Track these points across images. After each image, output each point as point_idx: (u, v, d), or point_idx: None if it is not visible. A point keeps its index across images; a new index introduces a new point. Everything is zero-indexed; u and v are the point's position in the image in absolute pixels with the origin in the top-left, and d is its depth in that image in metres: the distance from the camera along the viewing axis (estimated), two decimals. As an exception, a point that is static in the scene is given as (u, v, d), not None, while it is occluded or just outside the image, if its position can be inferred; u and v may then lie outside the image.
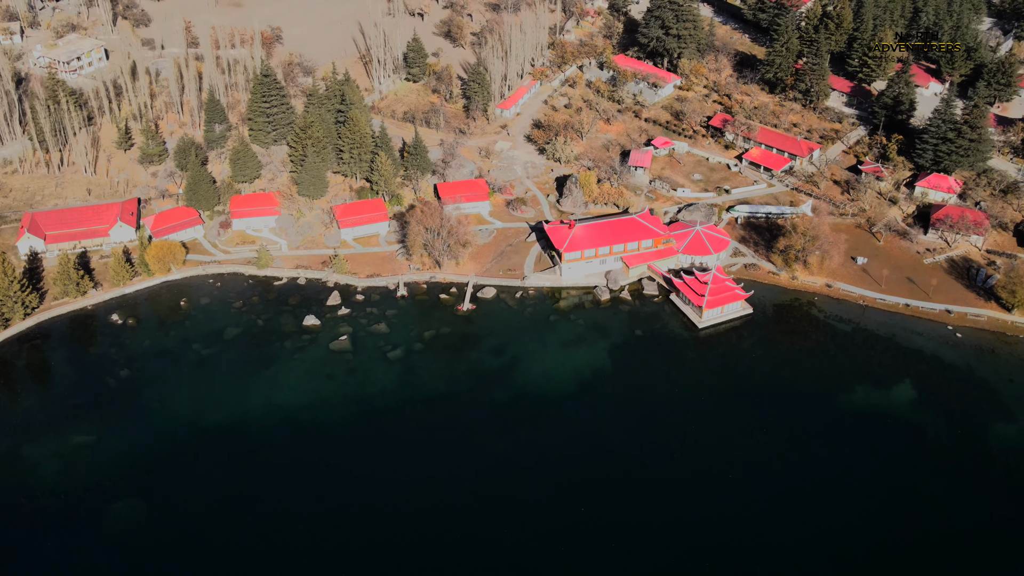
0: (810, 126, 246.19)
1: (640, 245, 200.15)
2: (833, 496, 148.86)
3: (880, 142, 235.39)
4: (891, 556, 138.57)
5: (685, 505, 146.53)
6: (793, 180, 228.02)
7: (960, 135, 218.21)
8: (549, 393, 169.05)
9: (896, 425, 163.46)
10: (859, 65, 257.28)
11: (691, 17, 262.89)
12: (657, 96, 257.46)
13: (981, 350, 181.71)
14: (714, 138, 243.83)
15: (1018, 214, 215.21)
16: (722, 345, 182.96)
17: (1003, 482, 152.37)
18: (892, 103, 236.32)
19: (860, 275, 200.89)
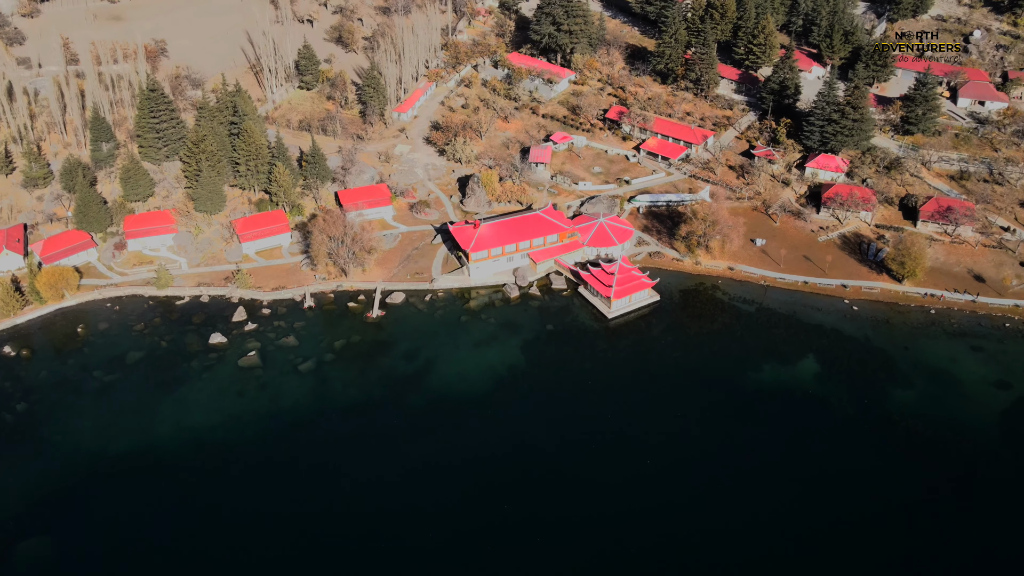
0: (703, 114, 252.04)
1: (546, 240, 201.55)
2: (752, 476, 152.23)
3: (770, 126, 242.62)
4: (814, 528, 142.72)
5: (607, 497, 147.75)
6: (690, 167, 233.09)
7: (844, 116, 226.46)
8: (465, 394, 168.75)
9: (803, 399, 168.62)
10: (745, 53, 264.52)
11: (581, 13, 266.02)
12: (553, 92, 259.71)
13: (877, 321, 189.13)
14: (611, 130, 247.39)
15: (902, 189, 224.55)
16: (633, 334, 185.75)
17: (904, 446, 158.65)
18: (779, 88, 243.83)
19: (760, 256, 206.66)
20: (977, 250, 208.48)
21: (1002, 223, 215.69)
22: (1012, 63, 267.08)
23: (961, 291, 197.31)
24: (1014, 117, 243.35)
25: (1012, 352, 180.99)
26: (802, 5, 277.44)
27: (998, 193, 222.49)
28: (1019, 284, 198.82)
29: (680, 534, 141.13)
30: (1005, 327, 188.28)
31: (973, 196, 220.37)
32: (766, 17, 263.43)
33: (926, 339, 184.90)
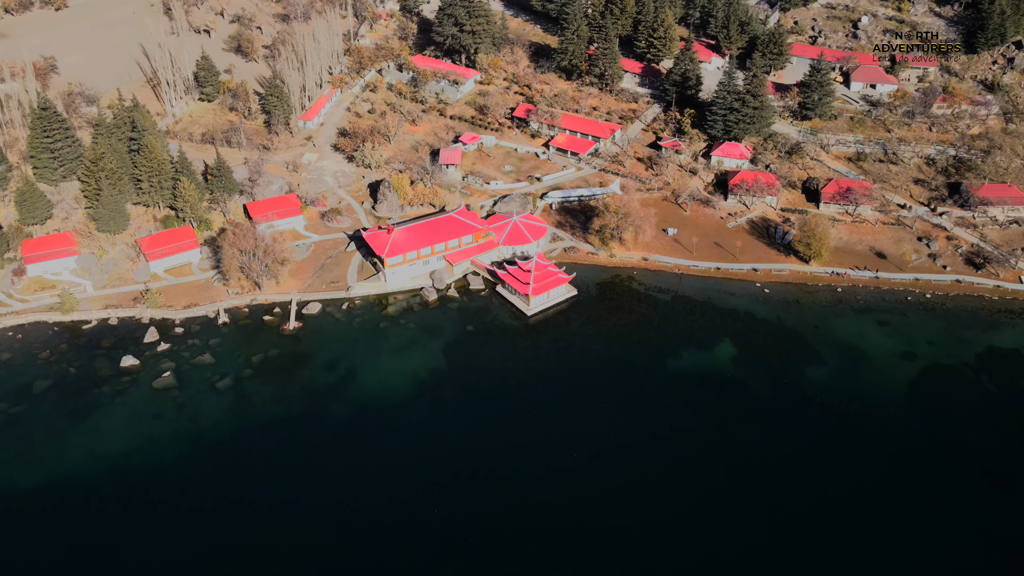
0: (609, 108, 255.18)
1: (461, 242, 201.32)
2: (678, 462, 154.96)
3: (675, 117, 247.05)
4: (743, 511, 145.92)
5: (536, 491, 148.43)
6: (600, 162, 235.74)
7: (744, 104, 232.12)
8: (388, 401, 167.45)
9: (722, 382, 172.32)
10: (647, 46, 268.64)
11: (483, 12, 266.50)
12: (459, 93, 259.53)
13: (787, 302, 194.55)
14: (520, 128, 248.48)
15: (804, 172, 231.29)
16: (553, 329, 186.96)
17: (820, 421, 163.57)
18: (681, 80, 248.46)
19: (673, 245, 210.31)
20: (877, 228, 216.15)
21: (899, 201, 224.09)
22: (898, 47, 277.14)
23: (864, 268, 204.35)
24: (904, 98, 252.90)
25: (915, 324, 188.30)
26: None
27: (893, 172, 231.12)
28: (918, 259, 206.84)
29: (610, 523, 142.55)
30: (907, 300, 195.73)
31: (870, 176, 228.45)
32: (664, 11, 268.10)
33: (834, 316, 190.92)
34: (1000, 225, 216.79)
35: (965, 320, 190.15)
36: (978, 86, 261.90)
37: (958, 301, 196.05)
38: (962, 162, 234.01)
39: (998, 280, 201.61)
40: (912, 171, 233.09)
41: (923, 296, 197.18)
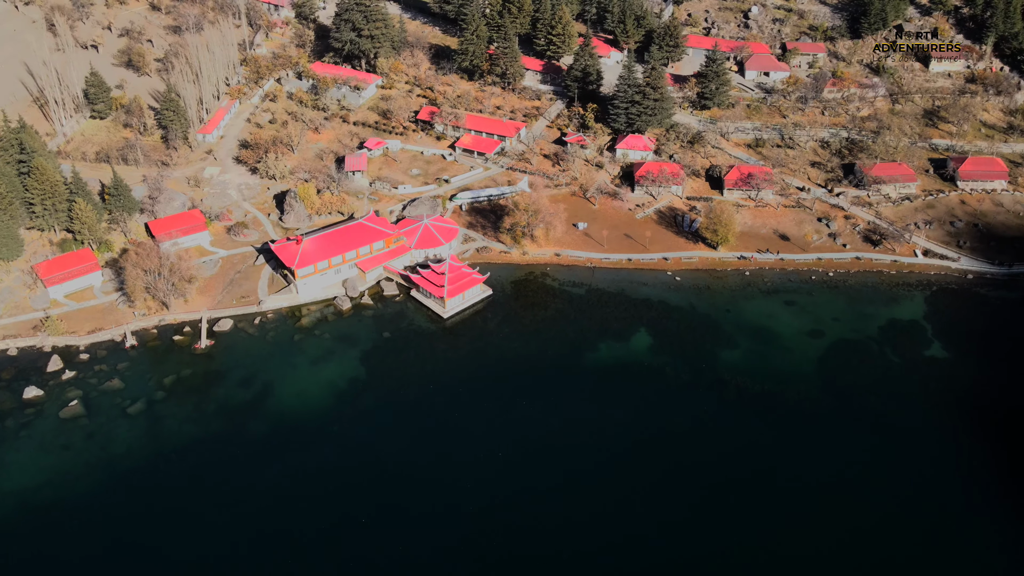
0: (513, 107, 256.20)
1: (372, 248, 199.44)
2: (601, 454, 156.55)
3: (578, 113, 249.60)
4: (672, 497, 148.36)
5: (462, 495, 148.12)
6: (507, 160, 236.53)
7: (645, 97, 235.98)
8: (309, 413, 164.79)
9: (640, 372, 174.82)
10: (546, 44, 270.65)
11: (380, 16, 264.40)
12: (361, 98, 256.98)
13: (698, 288, 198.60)
14: (425, 131, 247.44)
15: (706, 161, 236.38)
16: (470, 330, 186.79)
17: (738, 403, 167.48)
18: (581, 75, 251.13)
19: (584, 239, 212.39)
20: (779, 211, 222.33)
21: (798, 184, 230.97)
22: (788, 35, 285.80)
23: (769, 251, 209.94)
24: (796, 84, 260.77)
25: (820, 302, 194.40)
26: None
27: (791, 156, 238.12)
28: (819, 239, 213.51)
29: (542, 519, 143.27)
30: (812, 280, 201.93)
31: (769, 161, 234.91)
32: (562, 8, 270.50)
33: (744, 300, 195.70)
34: (893, 202, 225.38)
35: (866, 295, 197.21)
36: (865, 69, 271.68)
37: (859, 277, 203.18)
38: (854, 143, 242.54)
39: (895, 255, 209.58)
40: (808, 154, 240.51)
41: (826, 275, 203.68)
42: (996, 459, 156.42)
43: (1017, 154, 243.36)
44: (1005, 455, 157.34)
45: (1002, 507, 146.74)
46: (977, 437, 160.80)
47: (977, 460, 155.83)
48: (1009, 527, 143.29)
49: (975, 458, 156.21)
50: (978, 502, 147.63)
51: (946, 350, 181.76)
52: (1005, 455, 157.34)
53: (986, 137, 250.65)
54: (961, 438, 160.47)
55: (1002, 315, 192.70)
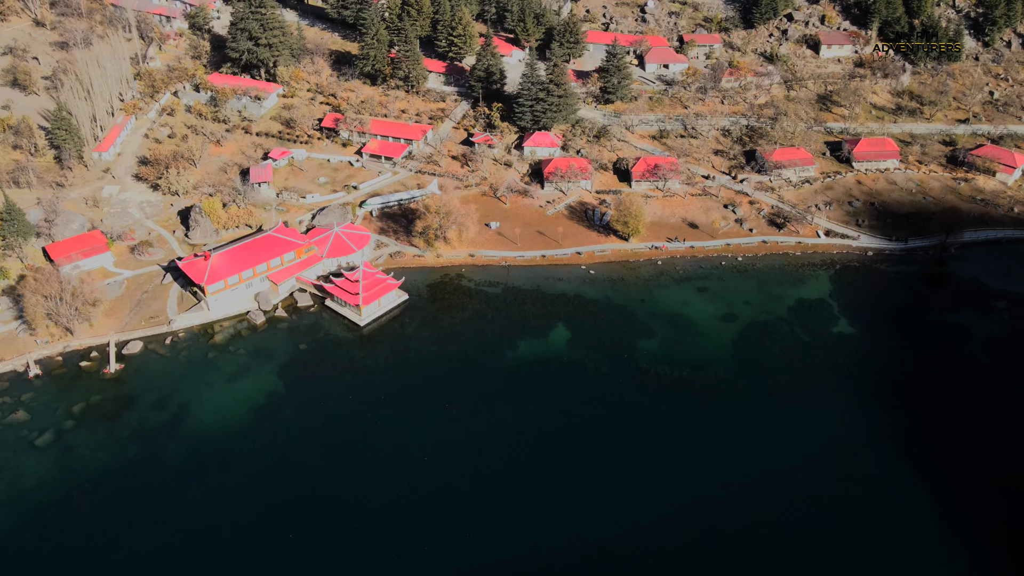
0: (418, 110, 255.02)
1: (283, 259, 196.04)
2: (526, 450, 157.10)
3: (484, 113, 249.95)
4: (598, 487, 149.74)
5: (385, 505, 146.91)
6: (415, 164, 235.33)
7: (549, 94, 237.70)
8: (228, 431, 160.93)
9: (560, 366, 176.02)
10: (448, 45, 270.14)
11: (278, 24, 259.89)
12: (263, 108, 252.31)
13: (613, 280, 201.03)
14: (330, 139, 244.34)
15: (613, 154, 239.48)
16: (388, 337, 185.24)
17: (657, 391, 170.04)
18: (485, 75, 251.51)
19: (497, 238, 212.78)
20: (687, 200, 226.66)
21: (703, 172, 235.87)
22: (684, 27, 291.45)
23: (679, 239, 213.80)
24: (695, 75, 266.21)
25: (731, 287, 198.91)
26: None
27: (694, 146, 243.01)
28: (726, 225, 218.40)
29: (470, 531, 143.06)
30: (722, 265, 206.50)
31: (674, 152, 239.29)
32: (461, 9, 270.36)
33: (658, 289, 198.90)
34: (794, 186, 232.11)
35: (774, 277, 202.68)
36: (759, 58, 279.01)
37: (767, 260, 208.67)
38: (754, 130, 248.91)
39: (799, 237, 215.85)
40: (711, 143, 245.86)
41: (735, 259, 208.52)
42: (901, 424, 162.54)
43: (906, 133, 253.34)
44: (910, 420, 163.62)
45: (908, 465, 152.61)
46: (884, 405, 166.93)
47: (884, 425, 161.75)
48: (914, 481, 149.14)
49: (882, 423, 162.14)
50: (884, 462, 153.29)
51: (852, 325, 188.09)
52: (910, 420, 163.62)
53: (877, 119, 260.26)
54: (868, 407, 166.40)
55: (901, 289, 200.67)
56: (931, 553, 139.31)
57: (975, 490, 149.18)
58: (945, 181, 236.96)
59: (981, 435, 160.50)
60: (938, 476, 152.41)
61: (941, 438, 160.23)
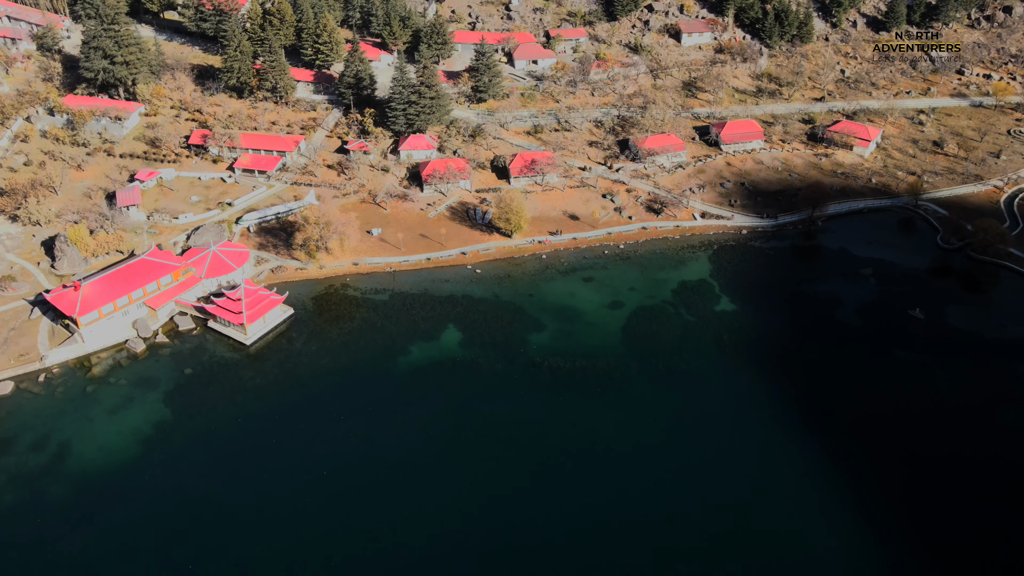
0: (289, 121, 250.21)
1: (160, 284, 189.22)
2: (423, 454, 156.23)
3: (356, 119, 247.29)
4: (503, 485, 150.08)
5: (282, 524, 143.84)
6: (290, 176, 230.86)
7: (421, 96, 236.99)
8: (114, 466, 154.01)
9: (454, 367, 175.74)
10: (314, 53, 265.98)
11: (134, 41, 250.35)
12: (125, 129, 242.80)
13: (499, 277, 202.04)
14: (199, 156, 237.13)
15: (490, 152, 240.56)
16: (277, 353, 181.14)
17: (552, 383, 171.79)
18: (354, 81, 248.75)
19: (380, 245, 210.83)
20: (566, 193, 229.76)
21: (579, 164, 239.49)
22: (549, 22, 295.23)
23: (560, 232, 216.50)
24: (564, 69, 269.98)
25: (616, 275, 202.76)
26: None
27: (569, 139, 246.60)
28: (606, 214, 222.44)
29: (366, 538, 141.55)
30: (605, 254, 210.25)
31: (550, 146, 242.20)
32: (325, 15, 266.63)
33: (545, 282, 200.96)
34: (668, 171, 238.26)
35: (656, 262, 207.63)
36: (625, 49, 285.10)
37: (647, 246, 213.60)
38: (625, 120, 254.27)
39: (676, 221, 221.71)
40: (585, 135, 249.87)
41: (617, 247, 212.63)
42: (785, 391, 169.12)
43: (768, 114, 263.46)
44: (792, 385, 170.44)
45: (793, 427, 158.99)
46: (768, 374, 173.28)
47: (769, 394, 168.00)
48: (801, 443, 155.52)
49: (768, 391, 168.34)
50: (769, 425, 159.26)
51: (733, 302, 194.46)
52: (792, 385, 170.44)
53: (740, 101, 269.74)
54: (754, 378, 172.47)
55: (776, 263, 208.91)
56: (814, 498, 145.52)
57: (865, 449, 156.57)
58: (808, 157, 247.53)
59: (854, 393, 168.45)
60: (818, 431, 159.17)
61: (818, 398, 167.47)
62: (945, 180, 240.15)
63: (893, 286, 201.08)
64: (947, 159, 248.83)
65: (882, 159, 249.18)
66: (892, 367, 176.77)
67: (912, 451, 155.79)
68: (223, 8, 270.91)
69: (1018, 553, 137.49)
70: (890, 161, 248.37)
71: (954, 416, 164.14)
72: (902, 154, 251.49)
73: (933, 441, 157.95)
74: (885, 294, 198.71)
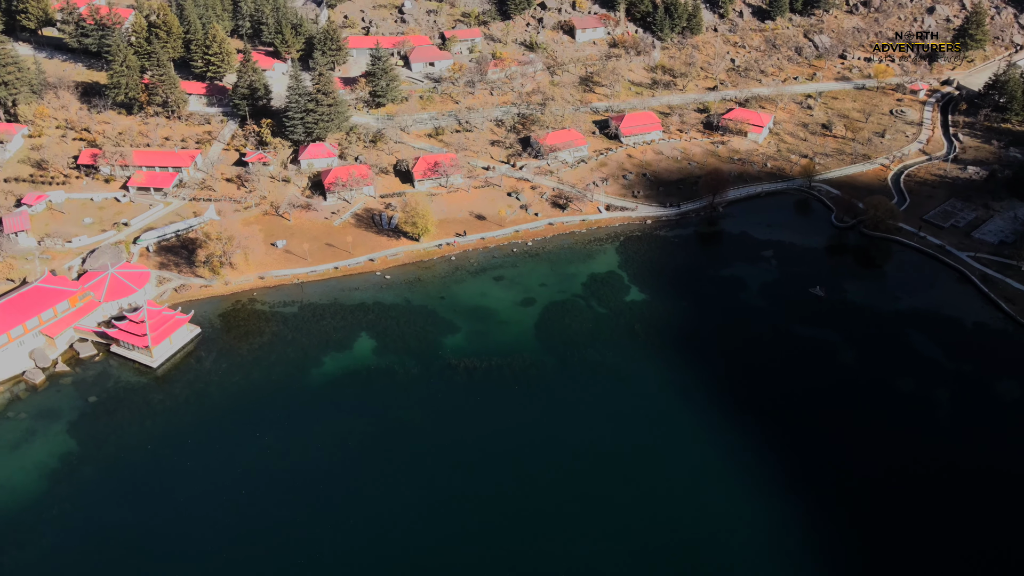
0: (183, 136, 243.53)
1: (56, 311, 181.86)
2: (347, 465, 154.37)
3: (253, 130, 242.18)
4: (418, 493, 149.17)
5: (214, 549, 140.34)
6: (188, 191, 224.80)
7: (318, 104, 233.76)
8: (18, 504, 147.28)
9: (368, 376, 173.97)
10: (205, 65, 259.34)
11: (11, 60, 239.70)
12: (7, 152, 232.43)
13: (409, 282, 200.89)
14: (90, 176, 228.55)
15: (392, 157, 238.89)
16: (186, 374, 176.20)
17: (469, 384, 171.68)
18: (249, 92, 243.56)
19: (286, 257, 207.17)
20: (471, 193, 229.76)
21: (482, 164, 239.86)
22: (444, 24, 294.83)
23: (466, 232, 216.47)
24: (461, 70, 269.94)
25: (526, 272, 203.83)
26: (244, 7, 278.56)
27: (471, 139, 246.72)
28: (512, 213, 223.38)
29: (287, 557, 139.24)
30: (514, 252, 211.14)
31: (452, 147, 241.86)
32: (213, 26, 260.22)
33: (455, 284, 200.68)
34: (571, 166, 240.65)
35: (565, 257, 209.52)
36: (521, 48, 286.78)
37: (555, 241, 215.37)
38: (526, 118, 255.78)
39: (582, 215, 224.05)
40: (487, 135, 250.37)
41: (526, 245, 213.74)
42: (697, 375, 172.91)
43: (664, 105, 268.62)
44: (704, 369, 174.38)
45: (707, 409, 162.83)
46: (679, 361, 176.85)
47: (682, 379, 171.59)
48: (716, 423, 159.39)
49: (680, 377, 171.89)
50: (684, 409, 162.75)
51: (642, 292, 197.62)
52: (704, 369, 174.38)
53: (636, 94, 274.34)
54: (665, 363, 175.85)
55: (681, 251, 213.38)
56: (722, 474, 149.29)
57: (777, 426, 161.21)
58: (705, 146, 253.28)
59: (763, 373, 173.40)
60: (730, 410, 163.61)
61: (730, 379, 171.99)
62: (835, 161, 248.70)
63: (793, 266, 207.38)
64: (836, 141, 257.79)
65: (775, 144, 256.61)
66: (797, 345, 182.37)
67: (820, 422, 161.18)
68: (105, 23, 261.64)
69: (923, 506, 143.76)
70: (783, 145, 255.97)
71: (858, 387, 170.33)
72: (794, 138, 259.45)
73: (839, 413, 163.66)
74: (786, 274, 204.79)
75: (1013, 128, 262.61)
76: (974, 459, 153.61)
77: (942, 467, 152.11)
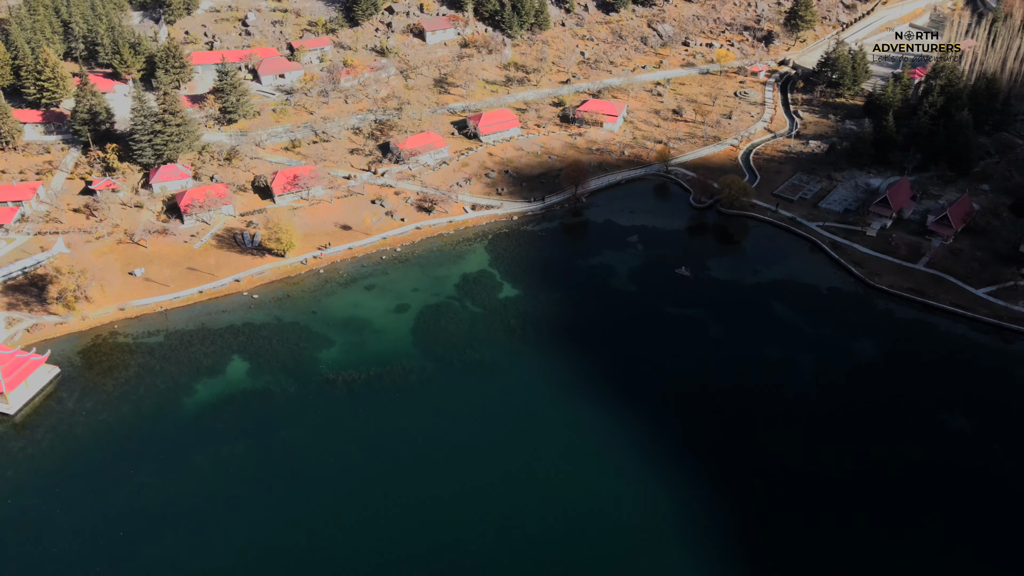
0: (20, 167, 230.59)
1: None
2: (236, 489, 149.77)
3: (99, 156, 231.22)
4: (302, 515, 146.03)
5: None
6: (32, 226, 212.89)
7: (166, 124, 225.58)
8: None
9: (245, 398, 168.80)
10: (38, 91, 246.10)
11: None
12: None
13: (279, 299, 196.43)
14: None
15: (249, 173, 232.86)
16: (48, 419, 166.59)
17: (348, 398, 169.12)
18: (89, 117, 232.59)
19: (146, 285, 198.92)
20: (334, 204, 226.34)
21: (343, 173, 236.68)
22: (291, 34, 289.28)
23: (331, 244, 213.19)
24: (312, 80, 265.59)
25: (397, 278, 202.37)
26: (76, 29, 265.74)
27: (329, 149, 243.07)
28: (378, 220, 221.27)
29: None
30: (383, 260, 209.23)
31: (310, 159, 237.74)
32: (44, 49, 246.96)
33: (327, 297, 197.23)
34: (433, 169, 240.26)
35: (435, 260, 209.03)
36: (372, 54, 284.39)
37: (424, 245, 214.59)
38: (383, 123, 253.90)
39: (448, 216, 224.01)
40: (345, 143, 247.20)
41: (395, 251, 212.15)
42: (575, 364, 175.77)
43: (520, 102, 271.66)
44: (581, 357, 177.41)
45: (587, 395, 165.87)
46: (556, 351, 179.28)
47: (560, 369, 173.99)
48: (597, 409, 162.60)
49: (559, 368, 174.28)
50: (566, 397, 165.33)
51: (515, 288, 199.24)
52: (581, 357, 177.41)
53: (492, 92, 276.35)
54: (545, 357, 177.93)
55: (549, 244, 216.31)
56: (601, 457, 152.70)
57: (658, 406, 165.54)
58: (563, 139, 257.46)
59: (639, 355, 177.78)
60: (608, 398, 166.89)
61: (607, 365, 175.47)
62: (688, 144, 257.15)
63: (658, 249, 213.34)
64: (687, 125, 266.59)
65: (631, 132, 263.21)
66: (670, 324, 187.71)
67: (699, 396, 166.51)
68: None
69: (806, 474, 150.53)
70: (638, 133, 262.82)
71: (728, 359, 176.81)
72: (647, 125, 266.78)
73: (715, 385, 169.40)
74: (652, 257, 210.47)
75: (847, 102, 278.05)
76: (835, 418, 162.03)
77: (806, 424, 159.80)
